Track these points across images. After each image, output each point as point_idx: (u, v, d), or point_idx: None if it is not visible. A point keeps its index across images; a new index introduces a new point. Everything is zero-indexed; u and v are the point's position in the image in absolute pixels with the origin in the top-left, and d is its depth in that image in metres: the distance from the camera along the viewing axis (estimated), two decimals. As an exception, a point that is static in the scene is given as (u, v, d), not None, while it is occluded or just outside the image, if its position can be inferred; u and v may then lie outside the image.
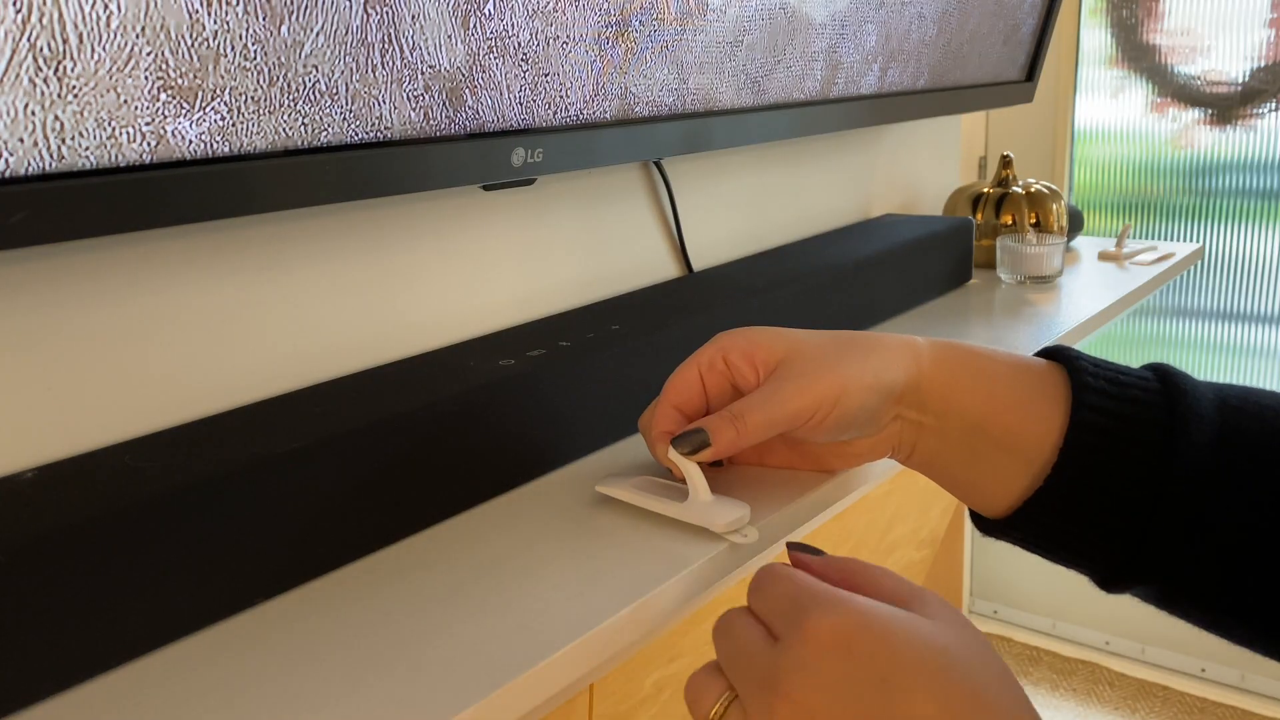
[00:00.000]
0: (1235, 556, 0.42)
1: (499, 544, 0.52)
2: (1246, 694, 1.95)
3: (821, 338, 0.51)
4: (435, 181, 0.56)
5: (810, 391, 0.48)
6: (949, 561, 1.32)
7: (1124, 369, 0.46)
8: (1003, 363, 0.48)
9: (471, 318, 0.70)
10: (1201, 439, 0.42)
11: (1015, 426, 0.46)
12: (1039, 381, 0.47)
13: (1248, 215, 1.83)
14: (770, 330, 0.52)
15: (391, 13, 0.50)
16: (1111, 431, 0.44)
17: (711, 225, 0.92)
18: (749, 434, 0.49)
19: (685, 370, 0.53)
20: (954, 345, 0.50)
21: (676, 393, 0.53)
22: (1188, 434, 0.42)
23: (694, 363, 0.53)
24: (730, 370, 0.52)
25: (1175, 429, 0.43)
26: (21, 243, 0.40)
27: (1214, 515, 0.42)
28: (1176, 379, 0.45)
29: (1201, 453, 0.42)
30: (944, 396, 0.48)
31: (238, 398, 0.57)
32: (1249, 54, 1.77)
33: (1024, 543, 0.49)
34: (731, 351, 0.51)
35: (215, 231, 0.56)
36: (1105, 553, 0.45)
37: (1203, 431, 0.42)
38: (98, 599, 0.42)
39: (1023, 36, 1.16)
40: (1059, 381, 0.46)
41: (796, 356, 0.50)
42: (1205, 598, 0.44)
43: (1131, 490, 0.43)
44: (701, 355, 0.53)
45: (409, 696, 0.40)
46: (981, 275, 1.11)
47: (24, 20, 0.38)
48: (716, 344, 0.52)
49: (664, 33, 0.67)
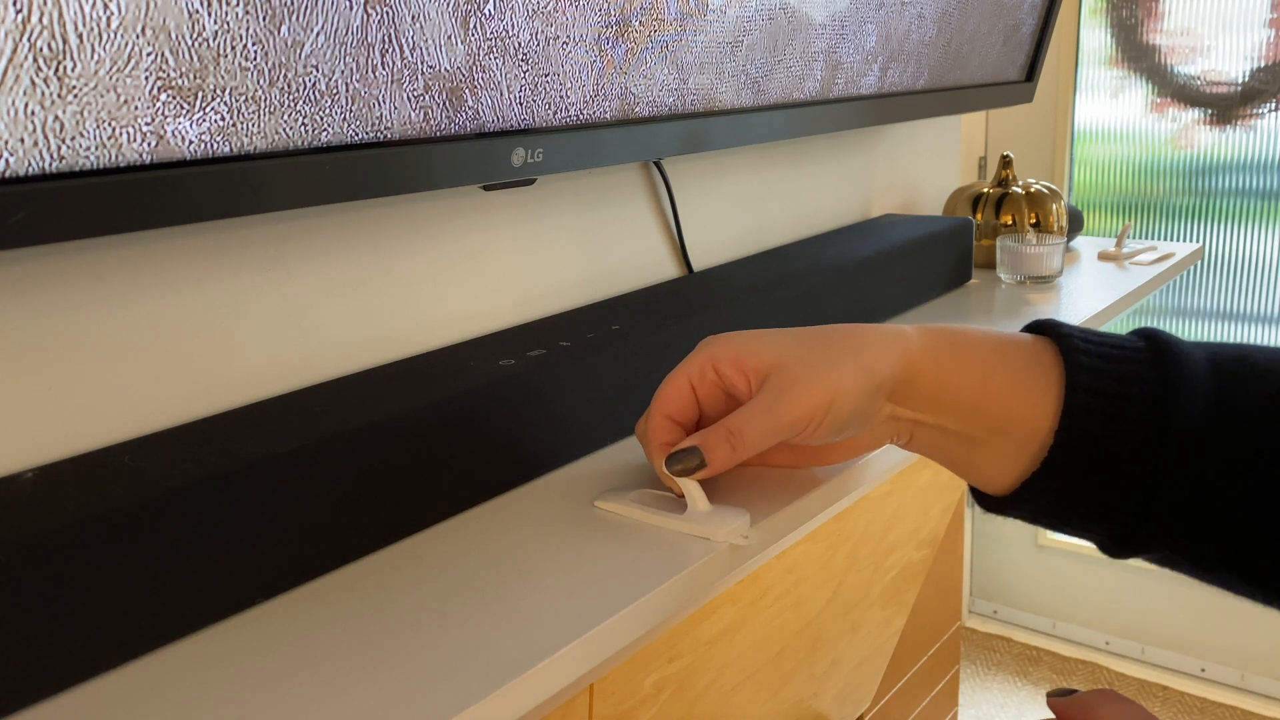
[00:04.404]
0: (1238, 516, 0.42)
1: (499, 544, 0.52)
2: (1246, 694, 1.95)
3: (809, 340, 0.50)
4: (435, 181, 0.56)
5: (803, 402, 0.48)
6: (949, 561, 1.32)
7: (1115, 341, 0.46)
8: (992, 346, 0.47)
9: (471, 318, 0.70)
10: (1196, 409, 0.42)
11: (1009, 411, 0.46)
12: (1031, 362, 0.46)
13: (1247, 215, 1.83)
14: (757, 336, 0.51)
15: (391, 13, 0.50)
16: (1106, 412, 0.44)
17: (711, 225, 0.92)
18: (744, 451, 0.49)
19: (675, 380, 0.52)
20: (942, 332, 0.49)
21: (667, 403, 0.52)
22: (1181, 406, 0.42)
23: (684, 372, 0.52)
24: (721, 379, 0.52)
25: (1170, 402, 0.43)
26: (21, 243, 0.40)
27: (1215, 479, 0.42)
28: (1169, 347, 0.44)
29: (1197, 421, 0.42)
30: (936, 387, 0.48)
31: (238, 398, 0.57)
32: (1249, 54, 1.77)
33: (1026, 518, 0.49)
34: (720, 360, 0.51)
35: (215, 231, 0.56)
36: (1108, 524, 0.45)
37: (1196, 401, 0.42)
38: (98, 599, 0.42)
39: (1023, 36, 1.16)
40: (1050, 361, 0.46)
41: (786, 364, 0.49)
42: (1209, 557, 0.44)
43: (1130, 465, 0.43)
44: (691, 365, 0.52)
45: (409, 696, 0.40)
46: (981, 275, 1.11)
47: (24, 20, 0.38)
48: (704, 353, 0.52)
49: (664, 33, 0.67)
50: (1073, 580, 2.12)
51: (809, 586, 0.85)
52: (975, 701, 2.00)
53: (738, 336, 0.52)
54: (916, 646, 1.27)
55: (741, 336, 0.52)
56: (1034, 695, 2.01)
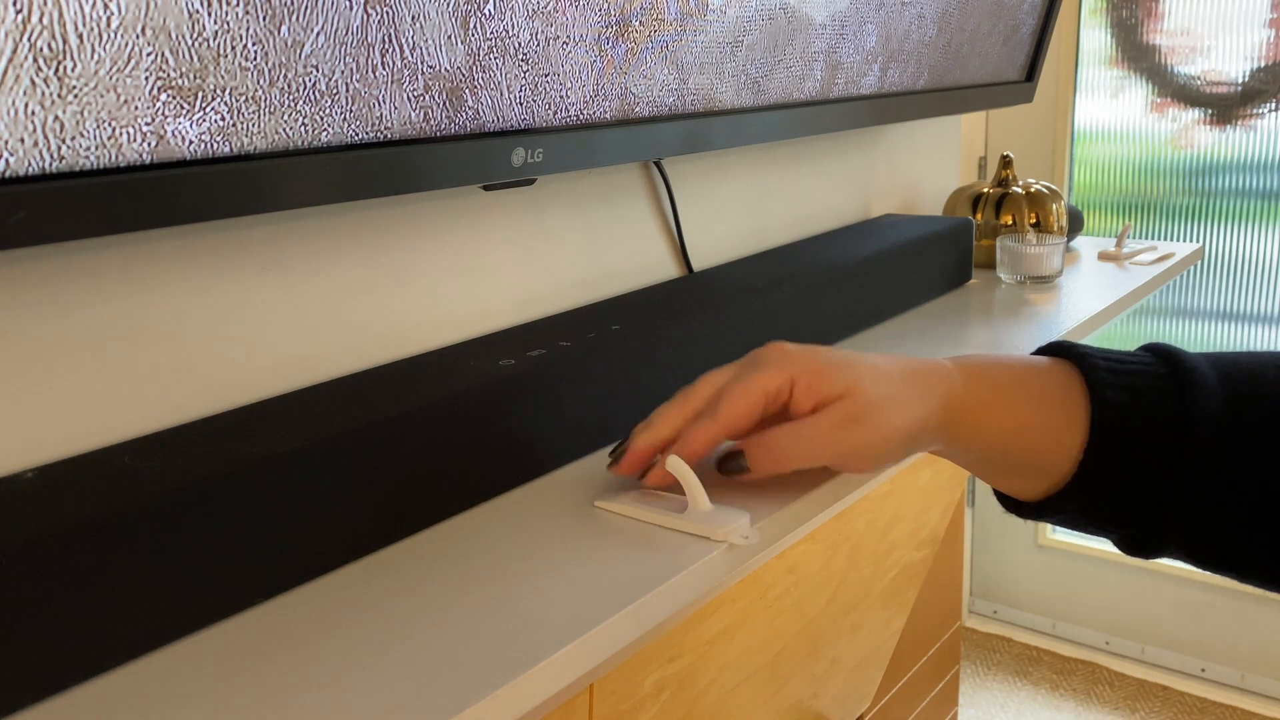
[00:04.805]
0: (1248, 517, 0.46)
1: (499, 544, 0.52)
2: (1246, 694, 1.95)
3: (884, 378, 0.50)
4: (435, 181, 0.56)
5: (862, 439, 0.49)
6: (949, 561, 1.32)
7: (1136, 368, 0.48)
8: (1027, 391, 0.50)
9: (471, 318, 0.70)
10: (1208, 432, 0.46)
11: (1043, 450, 0.49)
12: (1062, 399, 0.49)
13: (1247, 215, 1.83)
14: (835, 359, 0.51)
15: (392, 13, 0.50)
16: (1130, 444, 0.47)
17: (711, 225, 0.92)
18: (787, 468, 0.50)
19: (747, 395, 0.50)
20: (984, 376, 0.51)
21: (739, 420, 0.51)
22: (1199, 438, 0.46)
23: (760, 388, 0.50)
24: (791, 398, 0.51)
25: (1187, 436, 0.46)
26: (21, 243, 0.40)
27: (1228, 489, 0.46)
28: (1188, 379, 0.47)
29: (1209, 446, 0.46)
30: (976, 430, 0.51)
31: (238, 398, 0.57)
32: (1249, 54, 1.77)
33: (1050, 523, 0.52)
34: (799, 380, 0.50)
35: (215, 231, 0.56)
36: (1126, 535, 0.49)
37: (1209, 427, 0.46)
38: (98, 599, 0.42)
39: (1023, 36, 1.16)
40: (1079, 401, 0.48)
41: (854, 396, 0.49)
42: (1218, 556, 0.48)
43: (1150, 484, 0.47)
44: (769, 381, 0.50)
45: (409, 696, 0.40)
46: (981, 275, 1.11)
47: (24, 20, 0.38)
48: (783, 370, 0.50)
49: (664, 33, 0.67)
50: (1073, 580, 2.12)
51: (809, 586, 0.85)
52: (975, 701, 2.00)
53: (817, 357, 0.51)
54: (916, 646, 1.27)
55: (821, 358, 0.51)
56: (1034, 695, 2.01)
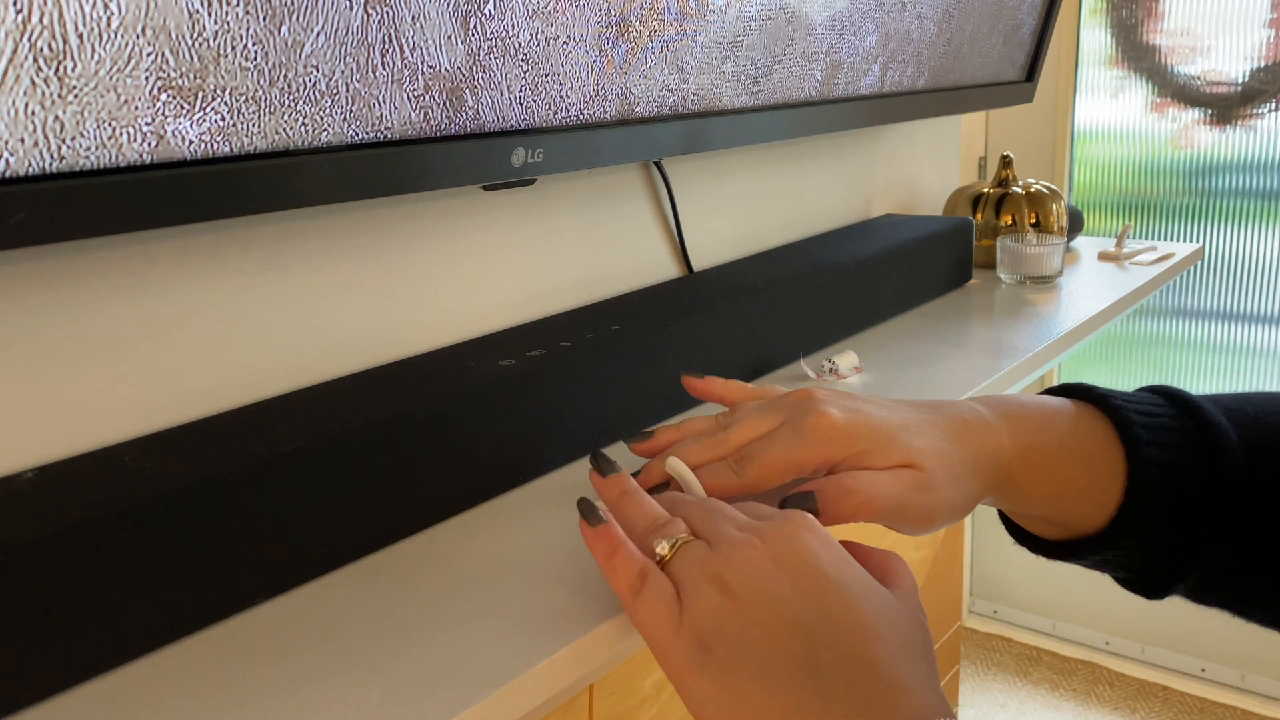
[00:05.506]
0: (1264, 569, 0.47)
1: (499, 544, 0.52)
2: (1246, 694, 1.95)
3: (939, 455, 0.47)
4: (435, 181, 0.56)
5: (923, 504, 0.46)
6: (949, 561, 1.32)
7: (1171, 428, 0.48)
8: (1075, 458, 0.49)
9: (471, 318, 0.70)
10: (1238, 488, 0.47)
11: (1074, 510, 0.49)
12: (1105, 467, 0.49)
13: (1247, 215, 1.83)
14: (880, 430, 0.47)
15: (392, 13, 0.50)
16: (1165, 504, 0.48)
17: (711, 225, 0.92)
18: (859, 518, 0.46)
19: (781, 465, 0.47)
20: (1034, 446, 0.49)
21: (760, 486, 0.47)
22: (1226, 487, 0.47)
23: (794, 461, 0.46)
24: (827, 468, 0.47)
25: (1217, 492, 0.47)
26: (21, 243, 0.40)
27: (1249, 542, 0.47)
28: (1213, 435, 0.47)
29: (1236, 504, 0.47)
30: (1021, 493, 0.50)
31: (238, 398, 0.57)
32: (1249, 54, 1.77)
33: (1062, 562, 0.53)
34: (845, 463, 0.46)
35: (215, 231, 0.56)
36: (1137, 578, 0.50)
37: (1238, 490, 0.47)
38: (98, 599, 0.42)
39: (1023, 36, 1.16)
40: (1116, 458, 0.48)
41: (928, 464, 0.46)
42: (1222, 600, 0.50)
43: (1178, 542, 0.48)
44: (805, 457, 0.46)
45: (409, 696, 0.40)
46: (981, 275, 1.11)
47: (24, 20, 0.38)
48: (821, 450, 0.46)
49: (664, 33, 0.67)
50: (1073, 580, 2.12)
51: (809, 586, 0.85)
52: (975, 701, 2.00)
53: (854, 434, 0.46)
54: (916, 646, 1.27)
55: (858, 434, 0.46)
56: (1034, 695, 2.01)
